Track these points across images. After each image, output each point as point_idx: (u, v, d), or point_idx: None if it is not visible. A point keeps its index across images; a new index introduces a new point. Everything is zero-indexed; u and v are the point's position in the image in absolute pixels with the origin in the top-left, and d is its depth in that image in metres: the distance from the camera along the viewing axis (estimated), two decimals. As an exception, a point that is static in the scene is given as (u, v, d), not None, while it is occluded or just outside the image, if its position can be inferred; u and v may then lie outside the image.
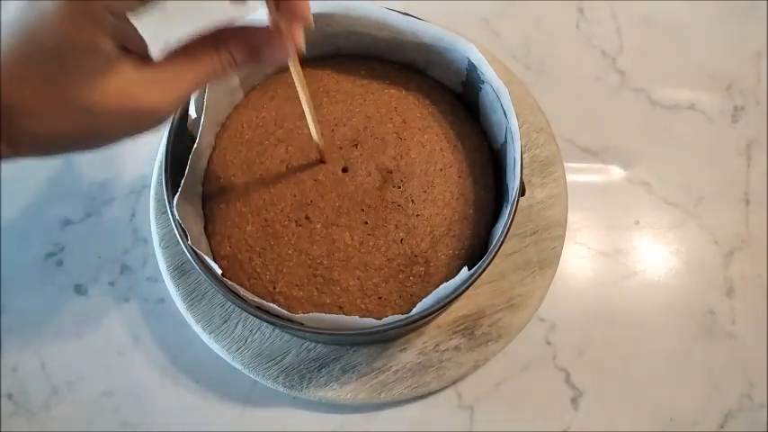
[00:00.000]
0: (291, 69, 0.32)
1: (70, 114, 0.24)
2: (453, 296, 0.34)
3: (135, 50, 0.26)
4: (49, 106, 0.24)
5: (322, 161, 0.40)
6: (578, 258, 0.48)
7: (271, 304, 0.34)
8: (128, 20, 0.25)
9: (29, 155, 0.26)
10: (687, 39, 0.55)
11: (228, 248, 0.39)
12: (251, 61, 0.28)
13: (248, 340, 0.43)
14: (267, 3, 0.27)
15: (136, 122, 0.26)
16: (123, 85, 0.25)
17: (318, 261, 0.38)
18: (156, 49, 0.27)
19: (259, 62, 0.28)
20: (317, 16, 0.40)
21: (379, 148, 0.40)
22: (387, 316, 0.35)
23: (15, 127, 0.24)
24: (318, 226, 0.38)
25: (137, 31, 0.26)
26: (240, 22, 0.28)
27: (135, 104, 0.25)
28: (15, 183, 0.50)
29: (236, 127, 0.42)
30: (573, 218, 0.47)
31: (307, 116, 0.36)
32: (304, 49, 0.29)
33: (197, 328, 0.44)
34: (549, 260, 0.45)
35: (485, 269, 0.35)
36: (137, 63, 0.25)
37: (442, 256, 0.39)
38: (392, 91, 0.42)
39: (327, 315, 0.34)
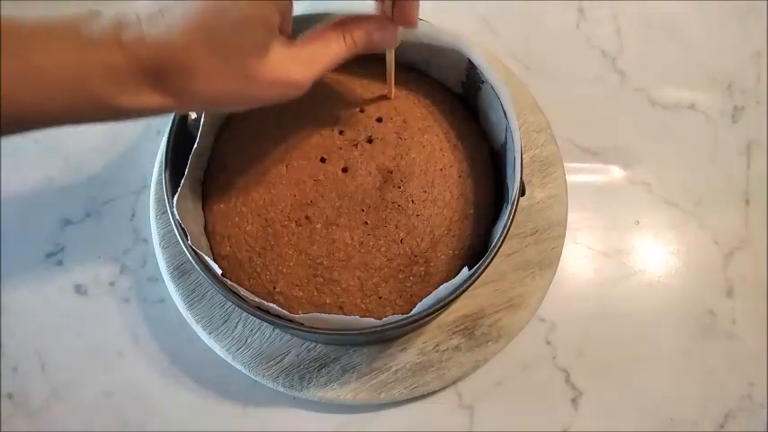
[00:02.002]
0: (387, 55, 0.38)
1: (236, 80, 0.29)
2: (453, 296, 0.34)
3: (283, 32, 0.30)
4: (221, 71, 0.28)
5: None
6: (578, 258, 0.48)
7: (271, 304, 0.34)
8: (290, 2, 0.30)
9: (187, 110, 0.32)
10: (687, 39, 0.55)
11: (228, 248, 0.39)
12: (366, 43, 0.33)
13: (248, 340, 0.43)
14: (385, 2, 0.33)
15: (283, 91, 0.31)
16: (278, 60, 0.29)
17: (318, 261, 0.38)
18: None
19: (372, 45, 0.34)
20: (318, 16, 0.40)
21: (379, 148, 0.40)
22: (387, 316, 0.35)
23: (188, 85, 0.28)
24: (318, 226, 0.38)
25: (291, 14, 0.31)
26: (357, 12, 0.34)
27: (285, 77, 0.30)
28: (15, 183, 0.50)
29: (236, 127, 0.42)
30: (573, 218, 0.47)
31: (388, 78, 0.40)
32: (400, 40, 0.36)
33: (197, 328, 0.44)
34: (549, 260, 0.45)
35: (485, 269, 0.35)
36: (285, 42, 0.30)
37: (442, 256, 0.39)
38: (392, 91, 0.42)
39: (327, 315, 0.34)
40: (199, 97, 0.29)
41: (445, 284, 0.34)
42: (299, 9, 0.39)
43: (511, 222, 0.36)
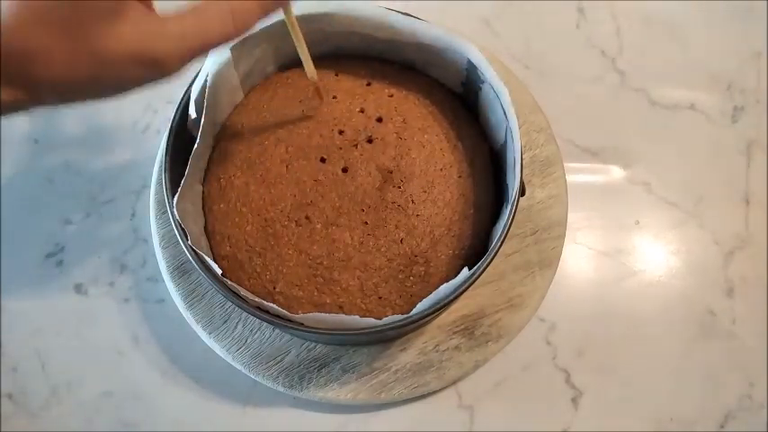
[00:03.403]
0: (285, 18, 0.34)
1: (85, 59, 0.25)
2: (453, 296, 0.34)
3: (142, 0, 0.27)
4: (64, 51, 0.24)
5: (320, 97, 0.41)
6: (578, 258, 0.48)
7: (271, 304, 0.34)
8: None
9: (45, 102, 0.27)
10: (687, 39, 0.55)
11: (228, 248, 0.39)
12: (261, 14, 0.29)
13: (248, 340, 0.43)
14: None
15: (147, 70, 0.26)
16: (134, 32, 0.25)
17: (318, 261, 0.38)
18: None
19: (267, 13, 0.29)
20: (318, 16, 0.40)
21: (379, 148, 0.40)
22: (387, 316, 0.35)
23: (32, 72, 0.24)
24: (318, 226, 0.38)
25: None
26: None
27: (145, 53, 0.26)
28: (15, 183, 0.50)
29: (236, 127, 0.42)
30: (573, 218, 0.47)
31: (301, 55, 0.37)
32: None
33: (197, 328, 0.44)
34: (549, 260, 0.45)
35: (485, 269, 0.35)
36: (146, 12, 0.26)
37: (442, 256, 0.39)
38: (392, 91, 0.42)
39: (327, 315, 0.34)
40: (48, 86, 0.25)
41: (445, 284, 0.34)
42: (299, 9, 0.39)
43: (511, 222, 0.36)
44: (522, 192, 0.37)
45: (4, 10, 0.23)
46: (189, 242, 0.35)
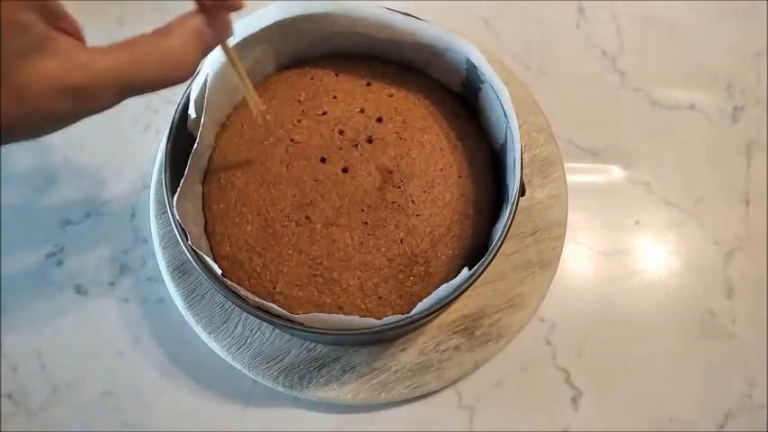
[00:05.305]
0: (224, 51, 0.32)
1: (8, 96, 0.24)
2: (453, 296, 0.34)
3: (71, 33, 0.26)
4: None
5: (268, 129, 0.40)
6: (578, 258, 0.48)
7: (271, 304, 0.34)
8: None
9: None
10: (687, 39, 0.55)
11: (228, 248, 0.39)
12: (204, 44, 0.27)
13: (248, 340, 0.43)
14: None
15: (74, 102, 0.25)
16: (59, 66, 0.24)
17: (318, 261, 0.38)
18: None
19: (209, 43, 0.28)
20: (318, 16, 0.40)
21: (379, 148, 0.40)
22: (387, 316, 0.35)
23: None
24: (318, 226, 0.38)
25: (63, 10, 0.26)
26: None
27: (70, 85, 0.25)
28: (15, 183, 0.50)
29: (236, 127, 0.42)
30: (573, 218, 0.47)
31: (245, 92, 0.36)
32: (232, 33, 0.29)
33: (197, 328, 0.44)
34: (549, 260, 0.45)
35: (485, 269, 0.35)
36: (74, 45, 0.25)
37: (442, 256, 0.39)
38: (392, 91, 0.42)
39: (327, 315, 0.34)
40: None
41: (445, 284, 0.34)
42: (299, 9, 0.39)
43: (511, 222, 0.36)
44: (522, 192, 0.37)
45: None
46: (189, 242, 0.35)
